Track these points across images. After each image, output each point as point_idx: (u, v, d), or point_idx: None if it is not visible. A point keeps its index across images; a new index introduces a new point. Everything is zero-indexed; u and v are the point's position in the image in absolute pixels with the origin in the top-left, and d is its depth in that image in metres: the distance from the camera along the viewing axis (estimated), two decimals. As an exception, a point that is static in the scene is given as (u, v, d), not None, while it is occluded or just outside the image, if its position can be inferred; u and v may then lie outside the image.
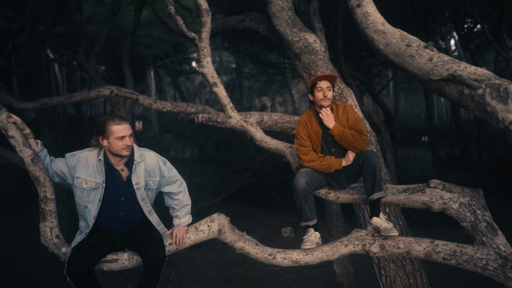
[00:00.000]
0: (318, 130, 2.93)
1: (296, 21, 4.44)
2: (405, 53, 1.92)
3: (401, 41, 1.98)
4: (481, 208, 2.41)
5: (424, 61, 1.80)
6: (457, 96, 1.62)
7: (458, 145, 21.46)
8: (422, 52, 1.85)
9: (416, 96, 40.44)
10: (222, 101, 3.51)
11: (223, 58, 24.90)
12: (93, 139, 2.51)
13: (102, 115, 2.61)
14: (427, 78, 1.75)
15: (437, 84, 1.70)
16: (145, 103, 4.93)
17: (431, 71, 1.73)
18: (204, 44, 3.46)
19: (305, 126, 2.97)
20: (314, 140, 2.94)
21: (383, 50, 2.08)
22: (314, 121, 2.97)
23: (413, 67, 1.85)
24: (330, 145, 2.93)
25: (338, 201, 2.94)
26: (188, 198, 2.77)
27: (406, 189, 2.70)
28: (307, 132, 2.95)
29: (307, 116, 3.02)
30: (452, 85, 1.64)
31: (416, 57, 1.85)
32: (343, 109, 2.97)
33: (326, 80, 2.90)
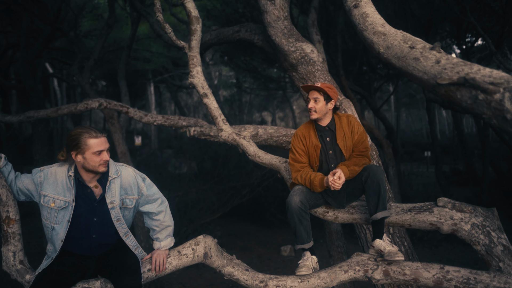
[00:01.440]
0: (317, 144, 2.67)
1: (293, 31, 4.26)
2: (409, 56, 1.70)
3: (403, 43, 1.77)
4: (496, 229, 2.16)
5: (431, 64, 1.58)
6: (470, 103, 1.39)
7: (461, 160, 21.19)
8: (427, 54, 1.63)
9: (417, 111, 40.32)
10: (213, 113, 3.29)
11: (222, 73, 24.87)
12: (61, 154, 2.25)
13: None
14: (434, 83, 1.53)
15: (447, 90, 1.47)
16: (135, 117, 4.72)
17: (439, 75, 1.50)
18: (194, 53, 3.26)
19: (302, 139, 2.71)
20: (312, 155, 2.68)
21: (384, 53, 1.86)
22: (313, 134, 2.71)
23: (418, 71, 1.63)
24: (330, 160, 2.67)
25: (337, 221, 2.68)
26: (170, 219, 2.50)
27: (411, 208, 2.44)
28: (304, 147, 2.69)
29: (305, 129, 2.76)
30: (464, 90, 1.41)
31: (421, 60, 1.63)
32: (347, 120, 2.71)
33: (315, 91, 2.65)
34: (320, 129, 2.70)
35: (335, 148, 2.67)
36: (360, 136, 2.66)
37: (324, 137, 2.69)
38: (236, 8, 10.67)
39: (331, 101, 2.65)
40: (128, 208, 2.35)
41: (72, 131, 2.22)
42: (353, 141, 2.66)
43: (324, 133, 2.70)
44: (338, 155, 2.66)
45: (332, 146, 2.68)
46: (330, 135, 2.69)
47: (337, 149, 2.66)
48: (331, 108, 2.67)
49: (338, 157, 2.66)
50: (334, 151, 2.67)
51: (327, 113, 2.67)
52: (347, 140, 2.65)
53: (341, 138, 2.65)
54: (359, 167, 2.54)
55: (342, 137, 2.65)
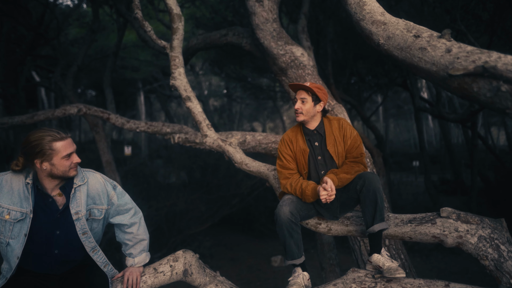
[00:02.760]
0: (305, 149, 2.45)
1: (282, 33, 4.08)
2: (414, 46, 1.51)
3: (407, 32, 1.58)
4: (506, 242, 1.96)
5: (440, 53, 1.39)
6: (490, 96, 1.20)
7: (449, 170, 21.24)
8: (436, 43, 1.44)
9: (405, 121, 40.63)
10: (197, 118, 3.08)
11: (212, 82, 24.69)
12: (15, 163, 1.94)
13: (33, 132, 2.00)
14: (445, 75, 1.34)
15: (460, 82, 1.28)
16: (117, 123, 4.48)
17: (451, 65, 1.31)
18: (176, 53, 3.05)
19: (289, 144, 2.49)
20: (300, 161, 2.46)
21: (384, 44, 1.67)
22: (300, 138, 2.49)
23: (425, 62, 1.44)
24: (319, 167, 2.45)
25: (330, 233, 2.46)
26: (144, 232, 2.23)
27: (412, 219, 2.23)
28: (291, 152, 2.48)
29: (292, 133, 2.54)
30: (482, 81, 1.22)
31: (428, 50, 1.44)
32: (338, 124, 2.49)
33: (303, 91, 2.43)
34: (307, 133, 2.49)
35: (325, 153, 2.45)
36: (354, 141, 2.45)
37: (312, 141, 2.48)
38: (225, 16, 10.53)
39: (320, 103, 2.44)
40: (96, 219, 2.08)
41: (29, 135, 1.92)
42: (346, 146, 2.44)
43: (312, 137, 2.49)
44: (328, 162, 2.45)
45: (321, 151, 2.46)
46: (318, 139, 2.48)
47: (326, 155, 2.45)
48: (320, 110, 2.46)
49: (328, 164, 2.45)
50: (323, 157, 2.45)
51: (315, 115, 2.46)
52: (339, 145, 2.44)
53: (331, 144, 2.44)
54: (351, 175, 2.33)
55: (332, 142, 2.44)
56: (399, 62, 1.63)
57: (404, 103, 32.14)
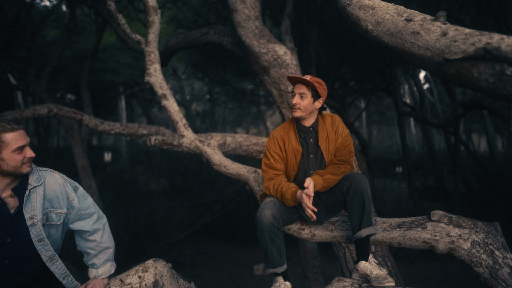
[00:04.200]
0: (298, 148, 2.26)
1: (264, 31, 3.94)
2: (405, 30, 1.37)
3: (397, 16, 1.44)
4: (500, 248, 1.83)
5: (435, 37, 1.25)
6: (493, 81, 1.06)
7: (431, 175, 21.46)
8: (430, 26, 1.30)
9: (388, 127, 41.10)
10: (173, 117, 2.88)
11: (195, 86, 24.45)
12: None
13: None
14: (440, 60, 1.20)
15: (458, 67, 1.14)
16: (90, 124, 4.25)
17: (447, 49, 1.18)
18: (152, 48, 2.86)
19: (279, 143, 2.29)
20: (291, 161, 2.27)
21: (373, 30, 1.53)
22: (293, 136, 2.30)
23: (419, 48, 1.30)
24: (310, 166, 2.28)
25: (314, 239, 2.30)
26: (109, 239, 2.01)
27: (400, 223, 2.08)
28: (281, 152, 2.28)
29: (284, 130, 2.34)
30: (483, 66, 1.08)
31: (421, 34, 1.30)
32: (331, 120, 2.33)
33: (303, 85, 2.24)
34: (303, 130, 2.30)
35: (317, 151, 2.28)
36: (345, 139, 2.29)
37: (308, 138, 2.29)
38: (208, 19, 10.37)
39: (319, 99, 2.25)
40: (54, 225, 1.85)
41: None
42: (336, 144, 2.28)
43: (307, 134, 2.30)
44: (319, 160, 2.28)
45: (314, 149, 2.29)
46: (314, 136, 2.30)
47: (318, 152, 2.28)
48: (318, 107, 2.27)
49: (318, 163, 2.28)
50: (316, 155, 2.28)
51: (312, 112, 2.27)
52: (330, 142, 2.27)
53: (323, 140, 2.26)
54: (337, 176, 2.16)
55: (325, 138, 2.27)
56: (389, 49, 1.49)
57: (387, 109, 32.50)
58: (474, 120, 25.21)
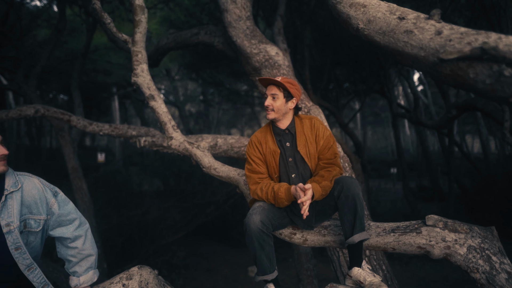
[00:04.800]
0: (275, 150, 2.21)
1: (256, 32, 3.87)
2: (398, 29, 1.30)
3: (390, 14, 1.37)
4: (497, 253, 1.77)
5: (429, 36, 1.19)
6: (490, 82, 0.99)
7: (426, 176, 21.52)
8: (423, 25, 1.24)
9: (383, 129, 41.20)
10: (161, 119, 2.80)
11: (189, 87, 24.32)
12: None
13: None
14: (435, 60, 1.13)
15: (454, 68, 1.07)
16: (78, 125, 4.15)
17: (442, 49, 1.11)
18: (139, 48, 2.78)
19: (257, 146, 2.24)
20: (270, 163, 2.21)
21: (364, 29, 1.46)
22: (270, 138, 2.25)
23: (412, 47, 1.23)
24: (290, 169, 2.21)
25: (306, 244, 2.22)
26: (91, 246, 1.93)
27: (395, 228, 2.02)
28: (260, 155, 2.23)
29: (261, 133, 2.30)
30: (479, 66, 1.02)
31: (415, 32, 1.24)
32: (310, 123, 2.26)
33: (274, 86, 2.19)
34: (278, 133, 2.25)
35: (295, 155, 2.21)
36: (327, 141, 2.22)
37: (284, 141, 2.23)
38: (201, 20, 10.28)
39: (292, 99, 2.20)
40: (33, 232, 1.76)
41: None
42: (318, 147, 2.21)
43: (283, 137, 2.24)
44: (300, 164, 2.20)
45: (292, 152, 2.22)
46: (290, 139, 2.24)
47: (297, 156, 2.21)
48: (292, 107, 2.22)
49: (299, 166, 2.20)
50: (294, 158, 2.21)
51: (286, 113, 2.22)
52: (310, 146, 2.20)
53: (302, 144, 2.20)
54: (331, 181, 2.09)
55: (303, 142, 2.20)
56: (381, 48, 1.42)
57: (381, 110, 32.58)
58: (468, 122, 25.34)
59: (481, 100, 7.47)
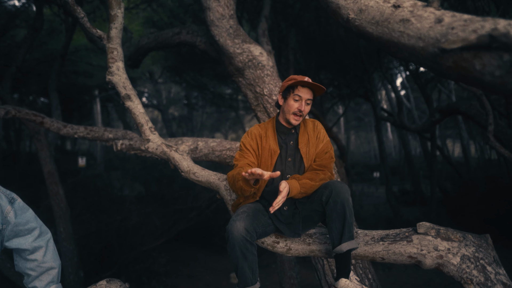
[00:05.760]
0: (275, 149, 2.08)
1: (239, 31, 3.75)
2: (393, 18, 1.19)
3: (383, 2, 1.26)
4: (492, 263, 1.67)
5: (428, 24, 1.07)
6: (500, 75, 0.87)
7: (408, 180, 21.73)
8: (421, 12, 1.12)
9: (366, 133, 41.62)
10: (138, 120, 2.64)
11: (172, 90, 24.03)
12: None
13: None
14: (435, 51, 1.01)
15: (457, 59, 0.95)
16: (52, 128, 3.94)
17: (444, 38, 0.99)
18: (114, 44, 2.62)
19: (257, 139, 2.11)
20: (265, 162, 2.08)
21: (355, 19, 1.35)
22: (271, 135, 2.11)
23: (409, 37, 1.11)
24: (287, 170, 2.09)
25: (290, 253, 2.09)
26: (53, 258, 1.75)
27: (384, 236, 1.90)
28: (257, 148, 2.10)
29: (262, 129, 2.16)
30: (487, 56, 0.89)
31: (412, 21, 1.12)
32: (312, 124, 2.18)
33: (310, 90, 2.07)
34: (284, 131, 2.13)
35: (296, 155, 2.10)
36: (326, 145, 2.14)
37: (288, 140, 2.12)
38: (184, 21, 10.11)
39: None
40: None
41: None
42: (317, 149, 2.12)
43: (289, 136, 2.13)
44: (298, 165, 2.10)
45: (293, 152, 2.11)
46: (294, 139, 2.13)
47: (297, 156, 2.10)
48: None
49: (297, 167, 2.10)
50: (294, 159, 2.09)
51: None
52: (311, 147, 2.10)
53: (304, 143, 2.09)
54: (316, 182, 1.98)
55: (305, 141, 2.10)
56: (374, 40, 1.30)
57: (364, 115, 32.88)
58: (449, 126, 25.77)
59: (464, 104, 7.49)
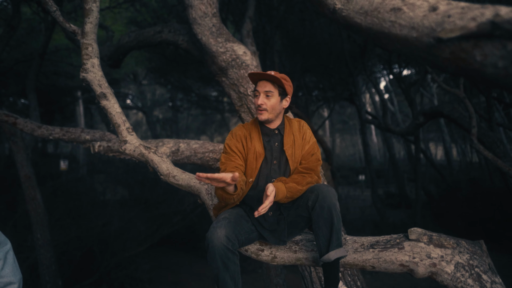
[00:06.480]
0: (260, 152, 1.96)
1: (222, 29, 3.63)
2: (383, 7, 1.08)
3: (373, -9, 1.15)
4: (488, 270, 1.58)
5: (422, 13, 0.97)
6: (503, 66, 0.77)
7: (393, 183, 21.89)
8: (414, 0, 1.02)
9: (351, 136, 41.91)
10: (115, 120, 2.49)
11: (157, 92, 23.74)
12: None
13: None
14: (430, 41, 0.91)
15: (455, 50, 0.85)
16: (25, 129, 3.75)
17: (440, 27, 0.89)
18: (89, 40, 2.47)
19: (242, 140, 1.99)
20: (250, 165, 1.95)
21: (342, 9, 1.24)
22: (256, 136, 1.99)
23: (401, 27, 1.01)
24: (272, 173, 1.97)
25: (275, 262, 1.97)
26: (12, 272, 1.57)
27: (374, 243, 1.79)
28: (243, 149, 1.97)
29: (247, 130, 2.03)
30: (489, 45, 0.79)
31: (404, 10, 1.02)
32: (298, 124, 2.05)
33: (268, 82, 1.94)
34: (267, 133, 2.01)
35: (281, 157, 1.98)
36: (312, 146, 2.02)
37: (273, 142, 1.99)
38: (168, 22, 9.96)
39: (286, 97, 1.97)
40: None
41: None
42: (303, 151, 2.00)
43: (273, 137, 2.00)
44: (283, 167, 1.98)
45: (278, 154, 1.98)
46: (278, 140, 2.00)
47: (283, 159, 1.98)
48: (286, 106, 2.00)
49: (282, 170, 1.97)
50: (280, 161, 1.97)
51: (280, 113, 1.99)
52: (297, 148, 1.98)
53: (289, 144, 1.97)
54: (302, 186, 1.87)
55: (291, 143, 1.98)
56: (363, 32, 1.19)
57: (349, 118, 33.10)
58: (431, 130, 26.12)
59: (448, 107, 7.51)
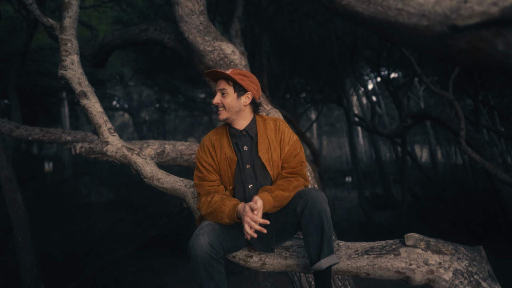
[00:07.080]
0: (232, 157, 1.86)
1: (210, 28, 3.53)
2: (388, -5, 0.99)
3: (375, -24, 1.07)
4: (487, 278, 1.51)
5: (433, -1, 0.87)
6: (529, 55, 0.69)
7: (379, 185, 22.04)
8: (423, -14, 0.93)
9: (338, 138, 42.12)
10: (96, 120, 2.37)
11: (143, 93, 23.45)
12: None
13: None
14: (443, 30, 0.82)
15: (472, 39, 0.76)
16: (3, 129, 3.58)
17: (455, 13, 0.79)
18: (68, 35, 2.34)
19: (210, 150, 1.89)
20: (225, 173, 1.86)
21: (341, 0, 1.15)
22: (226, 142, 1.90)
23: (409, 15, 0.91)
24: (247, 178, 1.86)
25: (265, 268, 1.87)
26: None
27: (369, 249, 1.71)
28: (213, 161, 1.88)
29: (216, 136, 1.95)
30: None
31: (412, -3, 0.92)
32: (274, 125, 1.93)
33: (223, 80, 1.86)
34: (234, 134, 1.90)
35: (255, 161, 1.86)
36: (293, 147, 1.89)
37: (241, 145, 1.88)
38: (155, 22, 9.79)
39: (246, 93, 1.86)
40: None
41: None
42: (283, 154, 1.88)
43: (240, 139, 1.89)
44: (259, 172, 1.86)
45: (250, 158, 1.87)
46: (248, 142, 1.89)
47: (257, 163, 1.86)
48: (247, 103, 1.88)
49: (258, 175, 1.86)
50: (253, 165, 1.86)
51: (241, 111, 1.88)
52: (273, 152, 1.86)
53: (264, 149, 1.85)
54: (290, 192, 1.76)
55: (266, 147, 1.86)
56: (364, 22, 1.10)
57: (336, 120, 33.25)
58: (417, 132, 26.42)
59: (436, 110, 7.54)
